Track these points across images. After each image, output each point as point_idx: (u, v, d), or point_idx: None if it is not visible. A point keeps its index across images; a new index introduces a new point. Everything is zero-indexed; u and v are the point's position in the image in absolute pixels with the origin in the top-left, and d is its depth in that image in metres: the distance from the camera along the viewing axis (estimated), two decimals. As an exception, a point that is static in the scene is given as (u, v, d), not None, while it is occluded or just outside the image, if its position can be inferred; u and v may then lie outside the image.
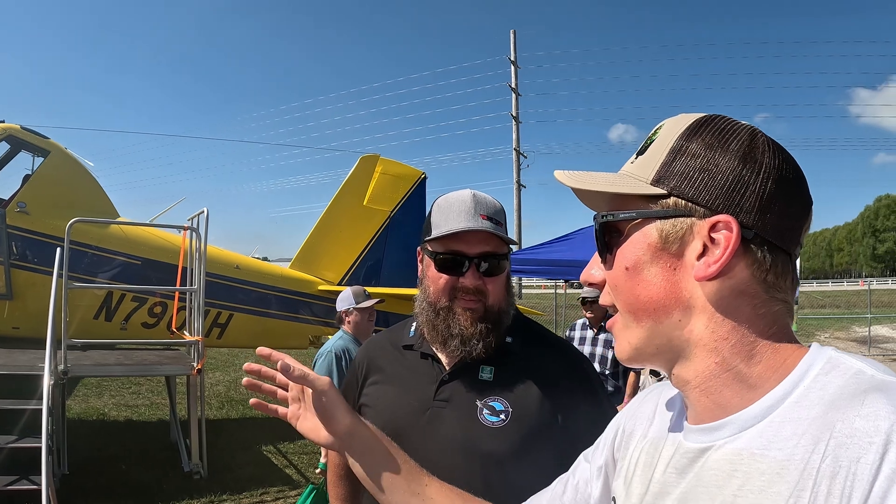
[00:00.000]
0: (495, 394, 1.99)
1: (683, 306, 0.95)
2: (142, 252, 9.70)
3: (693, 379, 0.96)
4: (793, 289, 0.96)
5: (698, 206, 0.94)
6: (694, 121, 1.00)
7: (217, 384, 14.62)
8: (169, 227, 10.14)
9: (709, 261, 0.92)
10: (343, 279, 12.44)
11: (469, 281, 1.98)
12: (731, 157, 0.93)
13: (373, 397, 2.18)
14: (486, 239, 2.00)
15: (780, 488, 0.81)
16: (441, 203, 2.08)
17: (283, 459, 9.01)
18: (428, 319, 2.06)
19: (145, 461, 8.53)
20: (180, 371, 8.44)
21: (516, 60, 32.28)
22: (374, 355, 2.28)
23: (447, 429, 1.97)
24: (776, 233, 0.92)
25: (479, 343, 1.97)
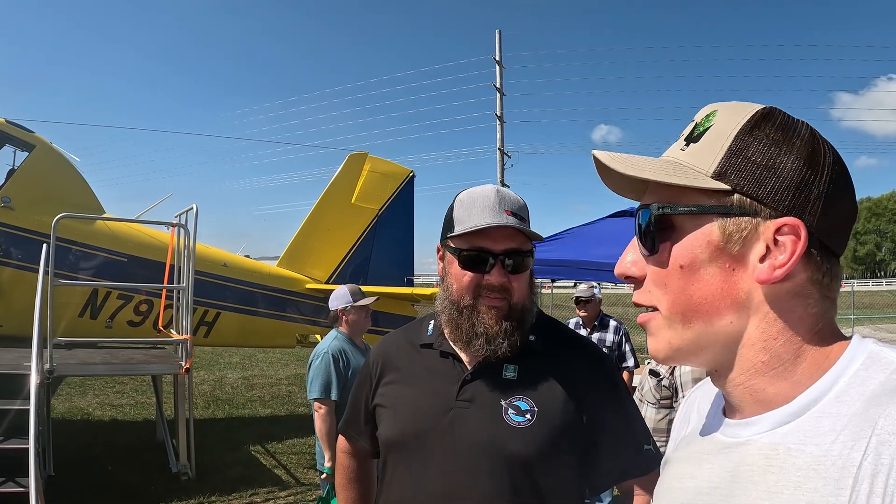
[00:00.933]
0: (520, 393, 1.94)
1: (738, 308, 0.92)
2: (128, 249, 9.54)
3: (737, 377, 0.94)
4: (838, 288, 0.93)
5: (764, 206, 0.90)
6: (755, 112, 0.95)
7: (202, 383, 14.48)
8: (158, 223, 9.97)
9: (773, 264, 0.89)
10: (331, 277, 12.39)
11: (494, 278, 1.92)
12: (796, 157, 0.90)
13: (390, 398, 2.10)
14: (512, 235, 1.94)
15: (817, 484, 0.79)
16: (463, 198, 2.01)
17: (272, 460, 8.90)
18: (451, 318, 1.99)
19: (132, 462, 8.40)
20: (168, 370, 8.28)
21: (501, 60, 32.22)
22: (389, 354, 2.20)
23: (471, 430, 1.91)
24: (833, 235, 0.91)
25: (503, 342, 1.92)
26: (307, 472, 8.32)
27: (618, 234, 9.36)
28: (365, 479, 2.42)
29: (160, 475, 7.88)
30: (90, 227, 9.21)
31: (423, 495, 1.92)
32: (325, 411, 4.99)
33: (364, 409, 2.22)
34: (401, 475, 1.99)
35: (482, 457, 1.87)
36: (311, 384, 5.08)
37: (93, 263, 9.22)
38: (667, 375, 4.91)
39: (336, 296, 5.42)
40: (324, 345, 5.26)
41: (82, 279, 8.98)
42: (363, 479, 2.42)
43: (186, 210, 8.67)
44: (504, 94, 32.66)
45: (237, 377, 16.01)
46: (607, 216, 9.98)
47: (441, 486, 1.89)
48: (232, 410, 12.15)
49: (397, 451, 2.02)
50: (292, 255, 12.28)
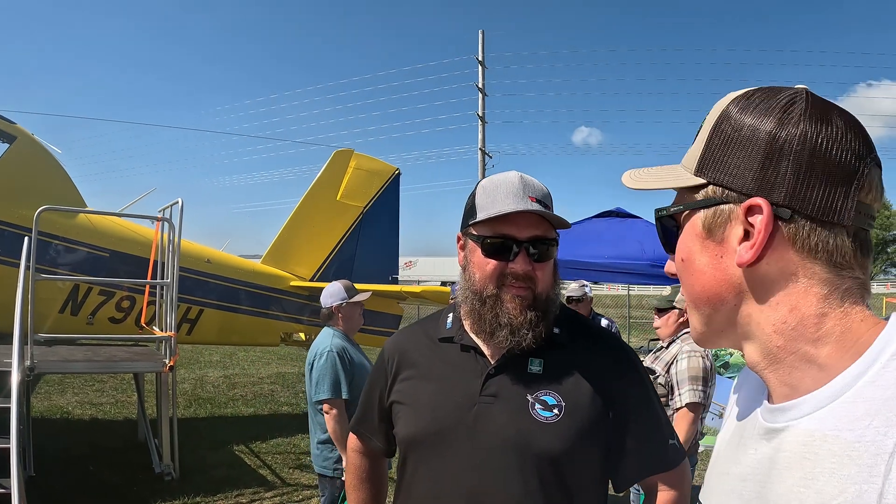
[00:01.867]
0: (546, 387, 1.88)
1: (736, 292, 0.95)
2: (110, 244, 9.35)
3: (761, 360, 0.95)
4: (862, 263, 0.90)
5: (733, 191, 0.93)
6: (732, 98, 0.98)
7: (183, 382, 14.28)
8: (142, 217, 9.75)
9: (747, 246, 0.91)
10: (315, 275, 12.33)
11: (519, 266, 1.85)
12: (762, 133, 0.91)
13: (408, 394, 2.01)
14: (537, 222, 1.87)
15: (851, 471, 0.78)
16: (486, 185, 1.94)
17: (257, 459, 8.75)
18: (473, 309, 1.92)
19: (114, 462, 8.21)
20: (152, 368, 8.10)
21: (484, 60, 32.22)
22: (406, 348, 2.11)
23: (497, 426, 1.85)
24: (820, 207, 0.88)
25: (528, 333, 1.85)
26: (292, 473, 8.21)
27: (603, 234, 9.36)
28: (377, 479, 2.35)
29: (143, 476, 7.72)
30: (72, 221, 9.01)
31: (449, 494, 1.85)
32: (337, 412, 4.80)
33: (379, 406, 2.14)
34: (423, 474, 1.92)
35: (510, 454, 1.81)
36: (318, 385, 4.87)
37: (74, 258, 9.02)
38: (662, 373, 4.85)
39: (330, 292, 5.26)
40: (324, 343, 5.05)
41: (64, 274, 8.78)
42: (375, 478, 2.34)
43: (171, 204, 8.54)
44: (486, 95, 32.64)
45: (218, 376, 15.85)
46: (593, 216, 9.96)
47: (468, 484, 1.83)
48: (214, 410, 12.00)
49: (418, 449, 1.93)
50: (276, 252, 12.20)
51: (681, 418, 4.58)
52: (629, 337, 24.23)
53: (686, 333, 4.98)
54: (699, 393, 4.59)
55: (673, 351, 4.89)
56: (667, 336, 5.09)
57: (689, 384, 4.63)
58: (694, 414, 4.59)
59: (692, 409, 4.57)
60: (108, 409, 11.33)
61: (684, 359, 4.73)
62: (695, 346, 4.79)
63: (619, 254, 8.92)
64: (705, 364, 4.70)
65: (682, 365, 4.72)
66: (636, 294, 32.77)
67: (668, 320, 5.13)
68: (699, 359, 4.70)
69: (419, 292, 10.77)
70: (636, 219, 9.62)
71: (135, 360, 8.21)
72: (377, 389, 2.14)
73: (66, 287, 8.86)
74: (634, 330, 27.41)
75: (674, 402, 4.70)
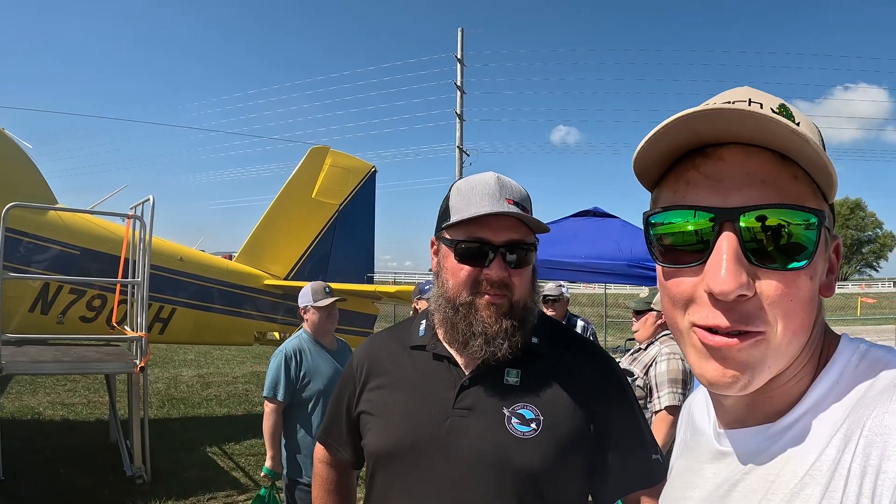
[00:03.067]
0: (523, 400, 1.80)
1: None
2: (81, 241, 9.21)
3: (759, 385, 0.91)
4: None
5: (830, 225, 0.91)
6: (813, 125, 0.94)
7: (156, 381, 14.13)
8: (112, 214, 9.56)
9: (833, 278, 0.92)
10: (290, 273, 12.28)
11: (494, 273, 1.76)
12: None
13: (378, 405, 1.93)
14: (514, 226, 1.79)
15: (814, 490, 0.79)
16: (461, 186, 1.86)
17: (230, 461, 8.63)
18: (446, 317, 1.83)
19: (85, 464, 8.05)
20: (122, 369, 7.96)
21: (463, 58, 32.18)
22: (376, 356, 2.03)
23: (472, 440, 1.76)
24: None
25: (504, 342, 1.76)
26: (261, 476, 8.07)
27: (580, 234, 9.32)
28: (344, 491, 2.25)
29: (114, 478, 7.57)
30: (42, 218, 8.86)
31: None
32: (270, 409, 4.89)
33: (346, 416, 2.06)
34: (395, 490, 1.83)
35: (487, 470, 1.73)
36: (266, 382, 4.99)
37: (44, 256, 8.87)
38: (641, 375, 4.81)
39: (302, 293, 5.28)
40: (285, 344, 5.15)
41: (33, 272, 8.62)
42: (342, 490, 2.24)
43: (143, 201, 8.39)
44: (465, 93, 32.59)
45: (192, 375, 15.69)
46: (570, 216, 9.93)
47: (440, 501, 1.74)
48: (187, 410, 11.85)
49: (389, 463, 1.84)
50: (251, 250, 12.13)
51: (660, 421, 4.54)
52: (606, 336, 24.25)
53: (664, 335, 4.95)
54: (678, 395, 4.55)
55: (651, 353, 4.85)
56: (644, 338, 5.06)
57: (668, 387, 4.59)
58: (673, 417, 4.54)
59: (671, 412, 4.53)
60: (79, 410, 11.15)
61: (663, 361, 4.69)
62: (673, 349, 4.75)
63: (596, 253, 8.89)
64: (684, 366, 4.66)
65: (661, 367, 4.69)
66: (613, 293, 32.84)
67: (645, 322, 5.10)
68: (678, 361, 4.66)
69: (394, 292, 10.72)
70: (613, 218, 9.59)
71: (105, 361, 8.07)
72: (345, 398, 2.06)
73: (36, 285, 8.70)
74: (611, 329, 27.46)
75: (652, 405, 4.67)
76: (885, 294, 48.20)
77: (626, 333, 20.71)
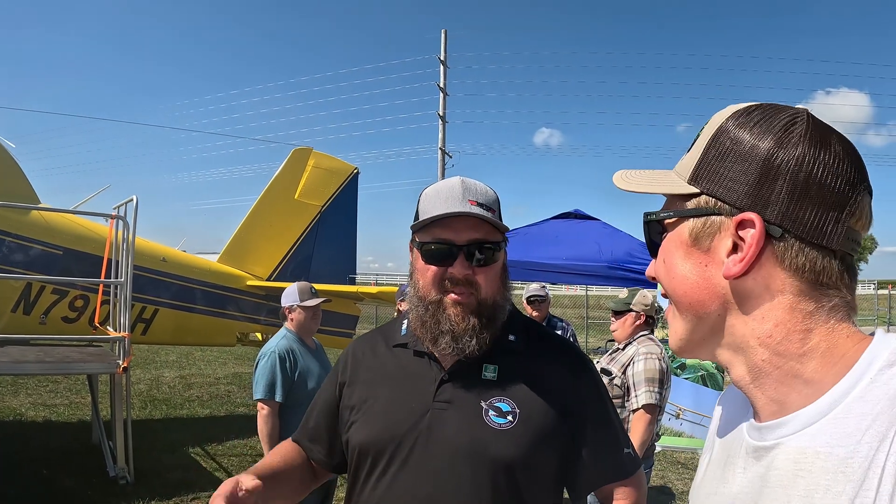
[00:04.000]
0: (500, 394, 1.87)
1: (720, 302, 0.97)
2: (64, 241, 9.18)
3: (746, 375, 0.96)
4: (849, 286, 0.92)
5: (726, 203, 0.94)
6: (734, 112, 0.99)
7: (138, 382, 14.06)
8: (95, 214, 9.55)
9: (736, 259, 0.92)
10: (272, 274, 12.27)
11: (458, 271, 1.84)
12: (760, 151, 0.92)
13: (360, 400, 1.99)
14: (476, 225, 1.86)
15: (845, 487, 0.79)
16: (428, 191, 1.95)
17: (213, 462, 8.64)
18: (418, 315, 1.92)
19: (67, 465, 8.04)
20: (105, 369, 7.94)
21: (446, 60, 32.21)
22: (361, 354, 2.10)
23: (451, 432, 1.83)
24: (811, 229, 0.89)
25: (471, 340, 1.84)
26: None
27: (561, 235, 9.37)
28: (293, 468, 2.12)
29: (97, 479, 7.56)
30: (24, 218, 8.84)
31: (402, 501, 1.83)
32: (267, 412, 4.81)
33: (326, 411, 2.11)
34: (375, 481, 1.88)
35: (463, 460, 1.79)
36: (256, 384, 4.90)
37: (27, 256, 8.84)
38: (619, 374, 4.88)
39: (286, 293, 5.31)
40: (271, 344, 5.09)
41: (15, 272, 8.58)
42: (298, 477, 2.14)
43: (126, 202, 8.37)
44: (447, 94, 32.62)
45: (174, 376, 15.63)
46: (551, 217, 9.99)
47: (420, 490, 1.81)
48: (170, 411, 11.81)
49: (371, 456, 1.90)
50: (233, 251, 12.10)
51: (637, 420, 4.61)
52: (587, 338, 24.34)
53: (642, 336, 5.02)
54: (655, 394, 4.63)
55: (629, 352, 4.92)
56: (623, 338, 5.13)
57: (645, 386, 4.66)
58: (650, 415, 4.62)
59: (648, 411, 4.61)
60: (62, 411, 11.10)
61: (641, 360, 4.77)
62: (651, 348, 4.83)
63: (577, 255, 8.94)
64: (661, 366, 4.74)
65: (638, 367, 4.76)
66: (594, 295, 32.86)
67: (624, 322, 5.16)
68: (655, 360, 4.73)
69: (375, 293, 10.74)
70: (594, 220, 9.66)
71: (88, 361, 8.04)
72: (327, 395, 2.12)
73: (18, 286, 8.68)
74: (592, 331, 27.52)
75: (630, 404, 4.74)
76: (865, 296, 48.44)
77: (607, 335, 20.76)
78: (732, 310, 0.96)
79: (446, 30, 32.40)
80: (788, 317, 0.91)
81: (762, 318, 0.93)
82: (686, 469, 8.92)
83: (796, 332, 0.90)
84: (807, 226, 0.89)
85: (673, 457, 9.42)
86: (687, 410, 9.39)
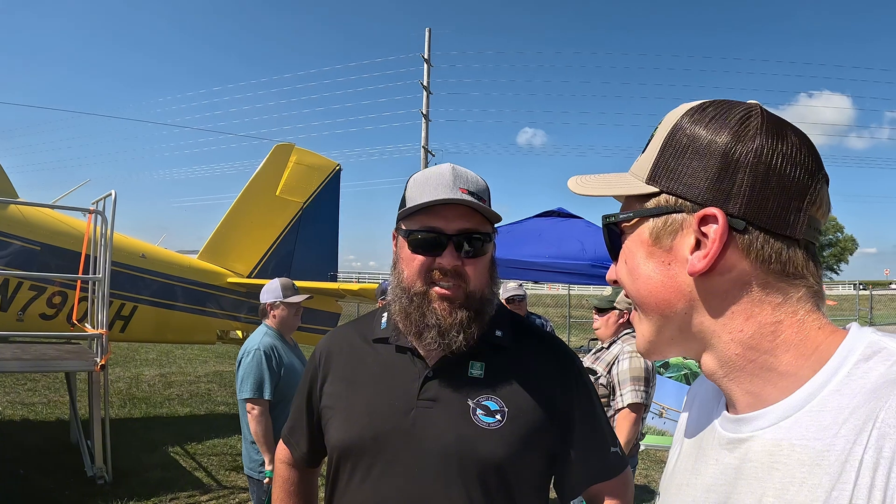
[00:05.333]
0: (488, 392, 1.80)
1: (686, 300, 0.96)
2: (42, 237, 9.08)
3: (718, 370, 0.96)
4: (814, 273, 0.93)
5: (687, 201, 0.94)
6: (687, 110, 0.99)
7: (118, 381, 13.95)
8: (72, 209, 9.42)
9: (700, 255, 0.92)
10: (253, 271, 12.20)
11: (447, 261, 1.76)
12: (718, 146, 0.92)
13: (340, 398, 1.91)
14: (466, 214, 1.78)
15: (822, 479, 0.80)
16: (417, 177, 1.87)
17: (192, 461, 8.55)
18: (402, 307, 1.83)
19: (45, 465, 7.94)
20: (82, 367, 7.81)
21: (430, 59, 32.19)
22: (338, 350, 2.02)
23: (437, 431, 1.76)
24: (774, 220, 0.90)
25: (458, 335, 1.76)
26: (229, 475, 8.05)
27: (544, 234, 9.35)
28: (307, 492, 2.23)
29: (75, 479, 7.47)
30: (2, 213, 8.74)
31: (387, 503, 1.76)
32: (258, 412, 4.72)
33: (307, 410, 2.05)
34: (359, 483, 1.81)
35: (451, 460, 1.73)
36: (242, 383, 4.80)
37: (4, 252, 8.74)
38: (604, 374, 4.83)
39: (267, 289, 5.22)
40: (254, 341, 4.98)
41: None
42: (305, 491, 2.23)
43: (104, 196, 8.25)
44: (431, 93, 32.60)
45: (154, 374, 15.50)
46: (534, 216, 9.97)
47: (407, 493, 1.74)
48: (149, 410, 11.69)
49: (353, 456, 1.83)
50: (214, 247, 12.01)
51: (622, 419, 4.56)
52: (569, 336, 24.38)
53: (627, 333, 4.97)
54: (641, 393, 4.58)
55: (614, 351, 4.87)
56: (606, 336, 5.07)
57: (630, 384, 4.62)
58: (636, 414, 4.57)
59: (634, 410, 4.56)
60: (39, 410, 10.98)
61: (626, 359, 4.72)
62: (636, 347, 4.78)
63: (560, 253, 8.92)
64: (647, 364, 4.69)
65: (623, 365, 4.72)
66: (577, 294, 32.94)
67: (608, 321, 5.11)
68: (640, 359, 4.69)
69: (357, 290, 10.68)
70: (577, 219, 9.64)
71: (65, 359, 7.89)
72: (306, 393, 2.05)
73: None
74: (575, 329, 27.58)
75: (615, 403, 4.69)
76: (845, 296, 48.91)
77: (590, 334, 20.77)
78: (699, 307, 0.95)
79: (430, 28, 32.35)
80: (757, 310, 0.91)
81: (731, 313, 0.93)
82: (669, 468, 8.89)
83: (767, 324, 0.91)
84: (770, 216, 0.90)
85: (656, 455, 9.40)
86: (670, 409, 9.39)
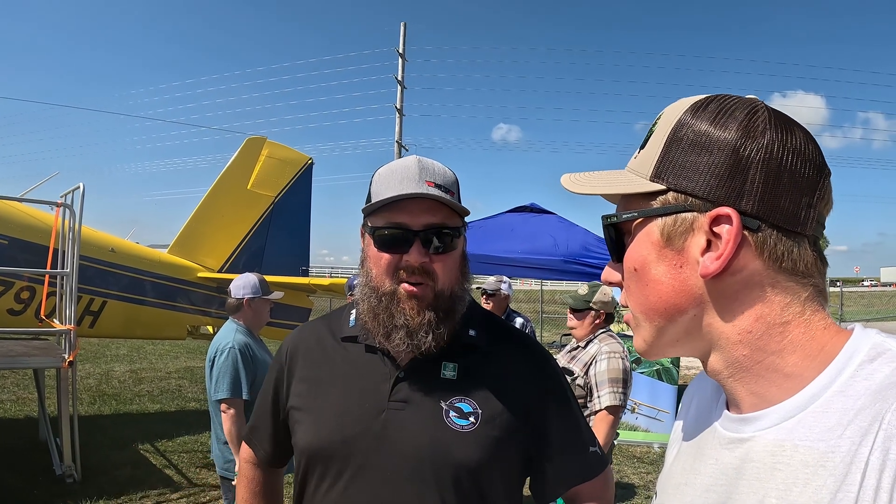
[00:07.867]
0: (461, 394, 1.75)
1: (696, 303, 0.93)
2: (9, 231, 8.90)
3: (724, 370, 0.94)
4: (822, 271, 0.92)
5: (697, 199, 0.91)
6: (690, 105, 0.96)
7: (87, 377, 13.76)
8: (39, 202, 9.23)
9: (712, 256, 0.89)
10: (224, 266, 12.09)
11: (413, 258, 1.69)
12: (727, 142, 0.90)
13: (308, 399, 1.86)
14: (433, 208, 1.71)
15: (826, 481, 0.78)
16: (382, 171, 1.79)
17: (162, 459, 8.46)
18: (370, 307, 1.76)
19: (13, 463, 7.83)
20: (50, 363, 7.69)
21: (405, 53, 32.09)
22: (305, 347, 1.96)
23: (409, 434, 1.71)
24: (786, 217, 0.88)
25: (427, 335, 1.71)
26: (199, 472, 7.96)
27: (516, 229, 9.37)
28: (272, 493, 2.18)
29: (44, 478, 7.37)
30: (-33, 207, 8.53)
31: None
32: (234, 413, 4.59)
33: (273, 409, 1.99)
34: (328, 488, 1.76)
35: (425, 464, 1.69)
36: (217, 383, 4.66)
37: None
38: (581, 375, 4.78)
39: (242, 283, 5.06)
40: (226, 338, 4.84)
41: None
42: (270, 492, 2.18)
43: (73, 189, 8.13)
44: (405, 87, 32.50)
45: (124, 370, 15.34)
46: (506, 211, 9.97)
47: (379, 496, 1.70)
48: (119, 406, 11.57)
49: (321, 460, 1.77)
50: (184, 242, 11.86)
51: (600, 421, 4.50)
52: (542, 332, 24.41)
53: (603, 333, 4.92)
54: (619, 395, 4.53)
55: (591, 351, 4.79)
56: (582, 336, 4.98)
57: (609, 386, 4.55)
58: (614, 417, 4.51)
59: (612, 412, 4.50)
60: (8, 407, 10.84)
61: (604, 360, 4.65)
62: (614, 347, 4.73)
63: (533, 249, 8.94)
64: (625, 365, 4.64)
65: (601, 366, 4.64)
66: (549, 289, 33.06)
67: (583, 322, 5.03)
68: (619, 360, 4.64)
69: (328, 285, 10.61)
70: (550, 214, 9.65)
71: (32, 356, 7.76)
72: (271, 392, 1.99)
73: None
74: (547, 325, 27.67)
75: (592, 405, 4.61)
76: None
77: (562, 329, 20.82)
78: (709, 309, 0.92)
79: (405, 22, 32.23)
80: (767, 310, 0.89)
81: (742, 314, 0.90)
82: (642, 463, 8.95)
83: (776, 325, 0.89)
84: (783, 214, 0.88)
85: (629, 451, 9.45)
86: (642, 405, 9.43)
